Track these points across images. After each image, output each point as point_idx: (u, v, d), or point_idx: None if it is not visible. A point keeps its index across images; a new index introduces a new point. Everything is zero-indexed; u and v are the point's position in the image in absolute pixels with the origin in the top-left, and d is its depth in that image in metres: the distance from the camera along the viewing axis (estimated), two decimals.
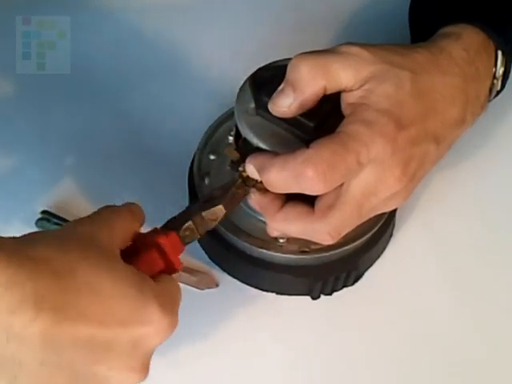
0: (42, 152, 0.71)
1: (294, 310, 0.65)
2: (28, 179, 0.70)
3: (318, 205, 0.57)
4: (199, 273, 0.65)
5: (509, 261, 0.68)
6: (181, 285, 0.64)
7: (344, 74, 0.57)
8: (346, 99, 0.58)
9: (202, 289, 0.65)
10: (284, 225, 0.59)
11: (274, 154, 0.56)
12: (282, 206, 0.58)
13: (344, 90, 0.58)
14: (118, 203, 0.69)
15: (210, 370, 0.62)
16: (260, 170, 0.56)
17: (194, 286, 0.65)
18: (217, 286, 0.65)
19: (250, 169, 0.57)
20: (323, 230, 0.57)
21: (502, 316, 0.65)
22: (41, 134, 0.72)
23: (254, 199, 0.58)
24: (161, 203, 0.69)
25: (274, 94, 0.58)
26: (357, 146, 0.54)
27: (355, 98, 0.57)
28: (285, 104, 0.58)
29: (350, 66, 0.57)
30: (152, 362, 0.62)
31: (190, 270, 0.65)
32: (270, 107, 0.58)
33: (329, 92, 0.57)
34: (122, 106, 0.75)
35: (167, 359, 0.62)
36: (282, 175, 0.55)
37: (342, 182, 0.55)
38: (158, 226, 0.67)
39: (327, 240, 0.58)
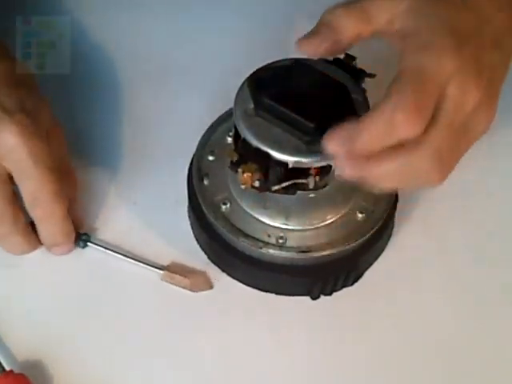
0: None
1: (293, 311, 0.65)
2: None
3: None
4: (193, 274, 0.65)
5: (509, 260, 0.68)
6: (177, 288, 0.65)
7: (381, 12, 0.57)
8: (390, 30, 0.57)
9: (196, 291, 0.65)
10: (379, 168, 0.55)
11: (350, 124, 0.54)
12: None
13: (381, 31, 0.57)
14: (117, 203, 0.70)
15: (208, 370, 0.62)
16: (349, 143, 0.54)
17: (187, 289, 0.65)
18: (211, 288, 0.65)
19: (333, 147, 0.55)
20: (425, 158, 0.54)
21: (503, 316, 0.65)
22: None
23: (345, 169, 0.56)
24: (160, 204, 0.69)
25: (305, 34, 0.58)
26: (430, 71, 0.53)
27: (401, 24, 0.56)
28: (315, 42, 0.57)
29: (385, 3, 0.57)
30: (151, 363, 0.62)
31: (183, 273, 0.65)
32: (299, 45, 0.58)
33: (364, 36, 0.57)
34: (122, 106, 0.75)
35: (167, 359, 0.63)
36: (376, 134, 0.53)
37: (432, 112, 0.54)
38: (157, 225, 0.68)
39: (429, 169, 0.55)
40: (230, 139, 0.66)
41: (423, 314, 0.65)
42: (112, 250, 0.66)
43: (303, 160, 0.58)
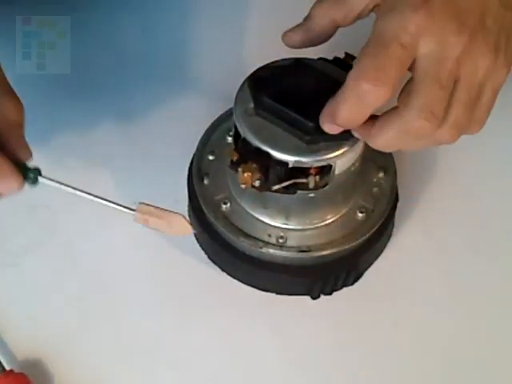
0: (42, 152, 0.71)
1: (293, 310, 0.65)
2: None
3: (399, 98, 0.55)
4: (168, 214, 0.59)
5: (509, 260, 0.68)
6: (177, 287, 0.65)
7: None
8: (369, 8, 0.57)
9: (176, 235, 0.59)
10: (383, 135, 0.55)
11: (331, 102, 0.55)
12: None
13: (362, 12, 0.57)
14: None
15: (209, 369, 0.62)
16: (332, 120, 0.55)
17: (165, 232, 0.59)
18: (191, 232, 0.59)
19: (325, 126, 0.56)
20: (414, 117, 0.53)
21: (502, 315, 0.65)
22: (40, 133, 0.72)
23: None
24: (160, 203, 0.69)
25: None
26: (390, 33, 0.53)
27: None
28: (291, 33, 0.59)
29: None
30: (151, 362, 0.62)
31: (157, 213, 0.59)
32: (282, 38, 0.59)
33: (339, 20, 0.58)
34: (122, 106, 0.75)
35: (167, 359, 0.63)
36: (352, 107, 0.54)
37: (402, 73, 0.53)
38: None
39: (425, 126, 0.53)
40: (230, 139, 0.66)
41: (423, 314, 0.65)
42: (71, 187, 0.59)
43: (303, 159, 0.58)
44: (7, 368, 0.60)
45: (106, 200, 0.58)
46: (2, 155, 0.54)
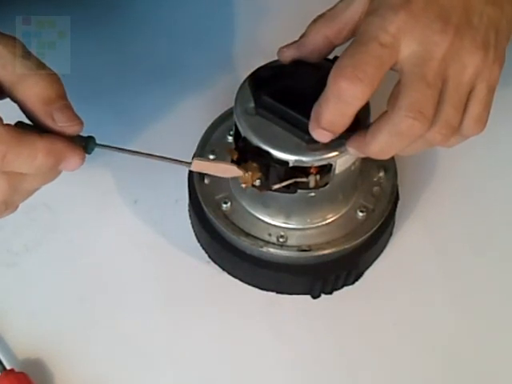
0: None
1: (294, 309, 0.65)
2: None
3: (388, 102, 0.55)
4: (223, 164, 0.60)
5: (509, 260, 0.68)
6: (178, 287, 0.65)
7: (349, 10, 0.57)
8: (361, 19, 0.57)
9: (229, 177, 0.61)
10: (376, 141, 0.55)
11: (314, 107, 0.55)
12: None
13: (357, 29, 0.57)
14: (118, 202, 0.70)
15: (209, 369, 0.62)
16: (318, 124, 0.55)
17: (219, 175, 0.60)
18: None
19: (316, 134, 0.56)
20: (403, 117, 0.53)
21: (502, 315, 0.66)
22: None
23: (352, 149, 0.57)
24: (161, 203, 0.69)
25: None
26: (370, 34, 0.53)
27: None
28: (286, 47, 0.59)
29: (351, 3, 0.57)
30: (152, 361, 0.62)
31: (212, 165, 0.60)
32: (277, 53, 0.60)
33: (331, 36, 0.58)
34: (122, 105, 0.75)
35: (167, 358, 0.63)
36: (331, 107, 0.54)
37: (382, 72, 0.53)
38: (158, 223, 0.68)
39: (415, 126, 0.53)
40: (230, 138, 0.66)
41: (423, 313, 0.65)
42: (123, 150, 0.58)
43: (304, 159, 0.58)
44: (8, 367, 0.60)
45: (165, 158, 0.58)
46: (54, 137, 0.52)
